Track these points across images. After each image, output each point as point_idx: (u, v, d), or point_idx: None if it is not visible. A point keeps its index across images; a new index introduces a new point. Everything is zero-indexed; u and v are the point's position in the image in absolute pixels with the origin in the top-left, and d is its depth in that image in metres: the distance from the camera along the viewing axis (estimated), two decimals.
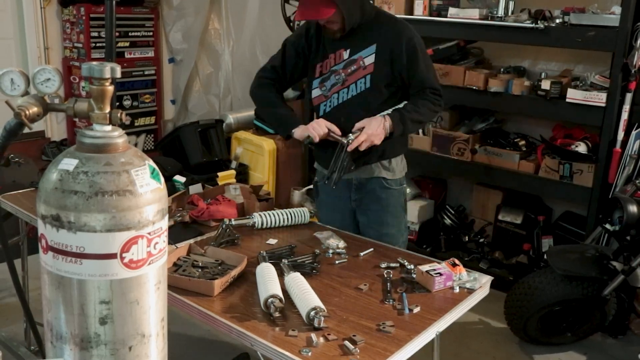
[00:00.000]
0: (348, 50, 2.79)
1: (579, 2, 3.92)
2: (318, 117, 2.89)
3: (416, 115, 2.73)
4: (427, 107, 2.76)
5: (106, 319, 1.36)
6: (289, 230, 2.83)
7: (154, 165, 1.42)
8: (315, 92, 2.91)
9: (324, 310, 2.01)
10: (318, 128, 2.71)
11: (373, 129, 2.63)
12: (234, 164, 5.60)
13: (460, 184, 4.89)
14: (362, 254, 2.55)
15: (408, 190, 3.88)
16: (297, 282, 2.16)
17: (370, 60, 2.75)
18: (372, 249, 2.59)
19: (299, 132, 2.78)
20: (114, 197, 1.30)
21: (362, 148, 2.65)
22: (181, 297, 2.16)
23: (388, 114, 2.70)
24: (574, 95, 3.81)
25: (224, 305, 2.12)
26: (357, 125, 2.68)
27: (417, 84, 2.77)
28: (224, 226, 2.65)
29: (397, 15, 4.31)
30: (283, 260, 2.39)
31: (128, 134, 1.48)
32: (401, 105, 2.75)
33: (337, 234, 2.75)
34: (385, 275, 2.36)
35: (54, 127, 6.00)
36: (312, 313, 1.98)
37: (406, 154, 3.00)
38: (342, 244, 2.63)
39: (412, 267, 2.40)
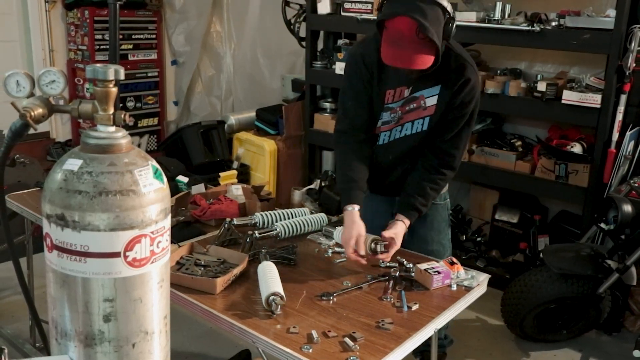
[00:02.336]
0: (410, 88, 2.51)
1: (574, 5, 3.94)
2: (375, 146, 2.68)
3: (429, 202, 2.62)
4: (438, 191, 2.64)
5: (110, 317, 1.37)
6: None
7: (157, 166, 1.43)
8: (383, 120, 2.64)
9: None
10: (351, 255, 2.44)
11: (398, 241, 2.47)
12: (235, 165, 5.63)
13: (458, 184, 4.88)
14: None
15: None
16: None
17: (432, 101, 2.50)
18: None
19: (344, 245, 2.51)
20: (118, 197, 1.31)
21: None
22: (184, 295, 2.18)
23: (405, 215, 2.55)
24: (569, 96, 3.82)
25: (226, 303, 2.15)
26: (386, 236, 2.47)
27: (444, 145, 2.57)
28: (225, 225, 2.67)
29: None
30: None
31: (131, 134, 1.49)
32: (415, 200, 2.56)
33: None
34: (385, 274, 2.39)
35: (59, 128, 6.04)
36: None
37: None
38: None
39: (411, 265, 2.43)
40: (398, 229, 2.50)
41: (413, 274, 2.37)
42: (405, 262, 2.47)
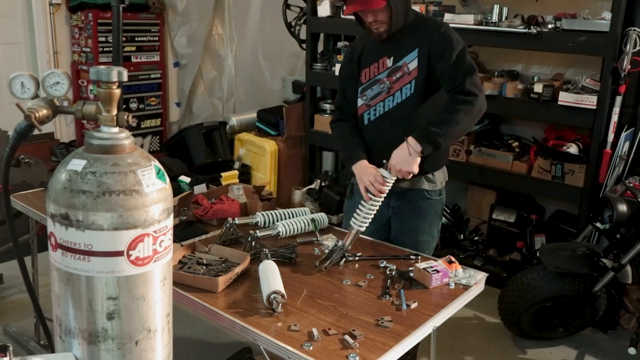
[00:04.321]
0: (391, 58, 2.72)
1: (570, 8, 3.97)
2: (362, 126, 2.84)
3: (446, 128, 2.54)
4: (458, 114, 2.54)
5: (113, 315, 1.39)
6: None
7: (160, 166, 1.44)
8: (358, 102, 2.85)
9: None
10: (378, 186, 2.58)
11: (398, 159, 2.55)
12: (236, 165, 5.67)
13: (456, 183, 4.90)
14: (351, 258, 2.54)
15: None
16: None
17: (413, 65, 2.67)
18: (360, 253, 2.59)
19: (360, 184, 2.67)
20: (121, 197, 1.32)
21: (403, 177, 2.59)
22: (186, 293, 2.19)
23: (413, 136, 2.56)
24: (565, 98, 3.84)
25: (227, 301, 2.16)
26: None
27: (449, 80, 2.62)
28: (227, 225, 2.69)
29: None
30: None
31: (134, 135, 1.50)
32: (429, 124, 2.60)
33: (335, 234, 2.79)
34: (387, 272, 2.41)
35: (63, 129, 6.09)
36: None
37: None
38: (341, 243, 2.65)
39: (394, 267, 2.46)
40: (394, 152, 2.59)
41: (412, 273, 2.39)
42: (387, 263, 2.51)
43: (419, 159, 2.57)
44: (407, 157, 2.55)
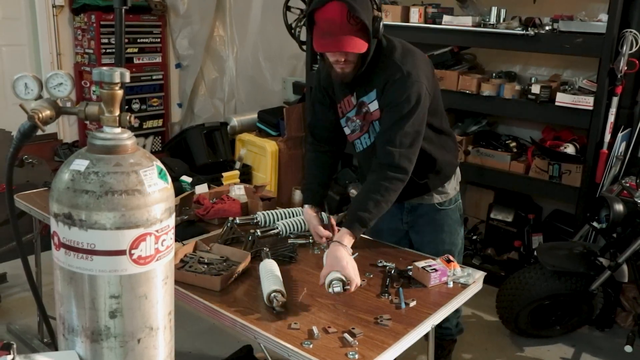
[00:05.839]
0: (354, 95, 2.52)
1: (567, 9, 3.99)
2: (355, 152, 2.71)
3: (377, 210, 2.35)
4: (390, 194, 2.36)
5: (116, 313, 1.39)
6: None
7: (162, 166, 1.44)
8: (346, 131, 2.66)
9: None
10: (316, 237, 2.54)
11: (335, 264, 2.22)
12: (238, 165, 5.69)
13: None
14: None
15: None
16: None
17: (374, 106, 2.46)
18: (357, 254, 2.56)
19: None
20: (124, 196, 1.32)
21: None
22: (188, 292, 2.22)
23: (344, 227, 2.33)
24: (562, 99, 3.86)
25: (228, 300, 2.18)
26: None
27: (383, 138, 2.40)
28: (228, 224, 2.71)
29: (394, 23, 4.46)
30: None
31: (137, 136, 1.45)
32: (359, 209, 2.35)
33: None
34: (386, 271, 2.43)
35: (66, 130, 6.08)
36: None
37: None
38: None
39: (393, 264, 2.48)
40: (336, 253, 2.24)
41: (410, 272, 2.41)
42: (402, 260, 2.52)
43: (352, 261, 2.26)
44: (344, 263, 2.20)
